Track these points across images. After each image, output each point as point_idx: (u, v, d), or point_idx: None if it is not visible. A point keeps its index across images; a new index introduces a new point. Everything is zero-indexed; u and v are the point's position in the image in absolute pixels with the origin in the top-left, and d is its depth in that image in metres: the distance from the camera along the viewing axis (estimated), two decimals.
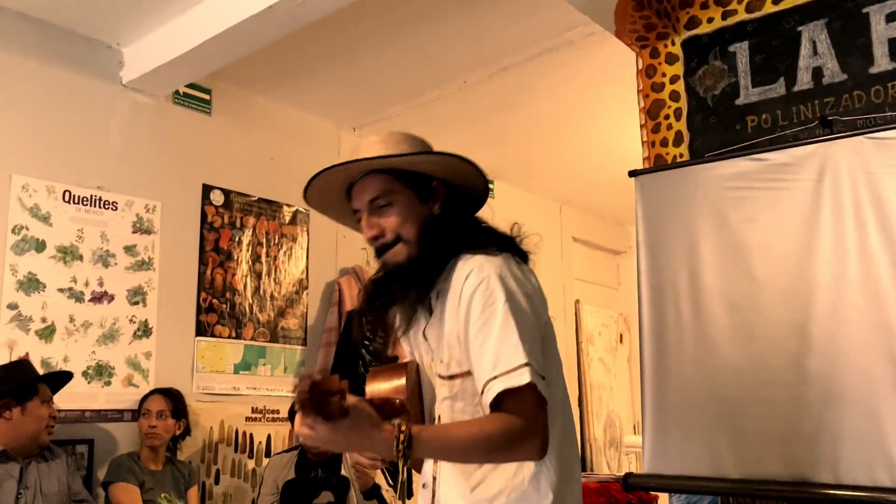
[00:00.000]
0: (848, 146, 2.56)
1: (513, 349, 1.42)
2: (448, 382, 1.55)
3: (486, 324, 1.45)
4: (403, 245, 1.59)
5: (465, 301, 1.49)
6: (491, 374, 1.42)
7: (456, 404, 1.54)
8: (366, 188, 1.61)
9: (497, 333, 1.44)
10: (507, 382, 1.40)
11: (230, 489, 3.91)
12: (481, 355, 1.45)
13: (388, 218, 1.59)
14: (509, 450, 1.41)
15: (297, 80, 4.14)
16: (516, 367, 1.40)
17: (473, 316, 1.47)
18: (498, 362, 1.42)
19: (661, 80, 3.22)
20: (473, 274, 1.50)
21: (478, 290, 1.48)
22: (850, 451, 2.43)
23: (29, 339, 3.28)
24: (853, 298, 2.49)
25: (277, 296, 4.25)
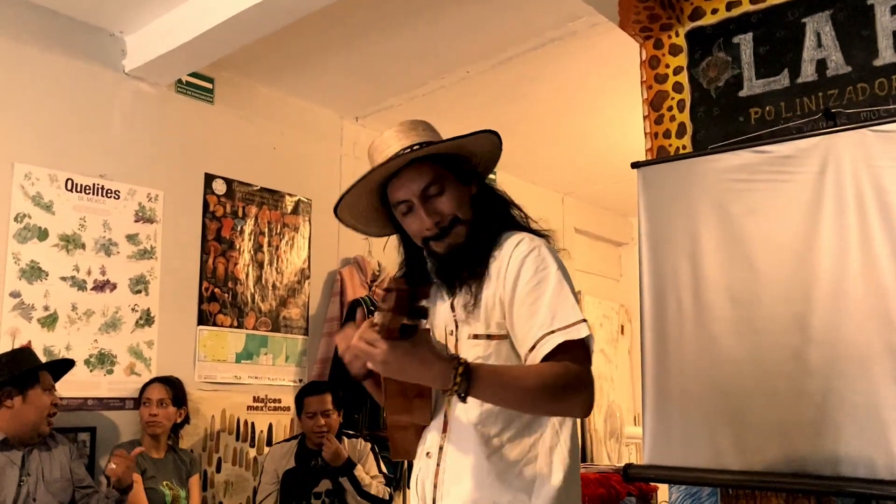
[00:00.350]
0: (851, 139, 2.55)
1: (570, 307, 1.48)
2: (485, 342, 1.55)
3: (538, 285, 1.50)
4: (462, 226, 1.60)
5: (514, 265, 1.53)
6: (548, 328, 1.46)
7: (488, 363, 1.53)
8: (412, 179, 1.60)
9: (552, 293, 1.49)
10: (567, 335, 1.44)
11: (231, 477, 3.93)
12: (534, 313, 1.48)
13: (444, 203, 1.60)
14: (563, 398, 1.43)
15: (299, 70, 4.13)
16: (575, 323, 1.46)
17: (524, 278, 1.51)
18: (555, 318, 1.47)
19: (665, 72, 3.21)
20: (525, 242, 1.56)
21: (530, 256, 1.53)
22: (850, 444, 2.43)
23: (31, 328, 3.29)
24: (854, 291, 2.49)
25: (279, 285, 4.25)
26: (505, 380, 1.42)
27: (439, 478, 1.56)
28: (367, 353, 1.32)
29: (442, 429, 1.58)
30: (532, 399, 1.43)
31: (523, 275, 1.51)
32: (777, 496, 2.74)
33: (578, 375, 1.44)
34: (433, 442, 1.60)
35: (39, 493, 2.87)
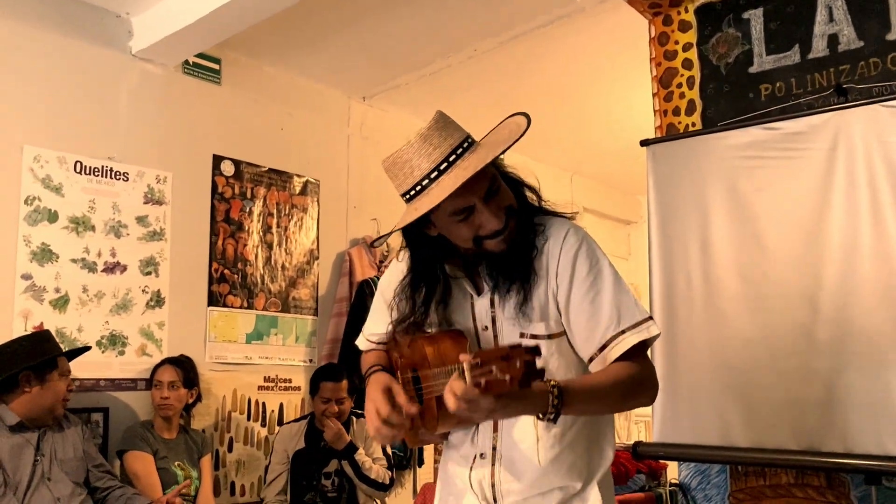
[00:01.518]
0: (863, 114, 2.53)
1: (633, 304, 1.50)
2: (546, 342, 1.53)
3: (595, 282, 1.50)
4: (514, 217, 1.53)
5: (566, 262, 1.51)
6: (617, 327, 1.47)
7: (551, 363, 1.54)
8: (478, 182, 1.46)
9: (612, 290, 1.49)
10: (640, 335, 1.47)
11: (243, 457, 3.96)
12: (596, 311, 1.48)
13: (504, 196, 1.51)
14: (639, 399, 1.51)
15: (306, 50, 4.11)
16: (644, 321, 1.48)
17: (580, 276, 1.50)
18: (622, 317, 1.48)
19: (674, 48, 3.19)
20: (571, 235, 1.54)
21: (581, 251, 1.52)
22: (859, 420, 2.43)
23: (43, 309, 3.31)
24: (865, 268, 2.48)
25: (289, 266, 4.26)
26: (592, 394, 1.44)
27: (496, 477, 1.58)
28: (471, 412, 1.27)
29: (493, 428, 1.59)
30: (615, 406, 1.53)
31: (578, 272, 1.50)
32: (786, 473, 2.75)
33: (651, 375, 1.50)
34: (485, 443, 1.60)
35: (54, 473, 2.91)
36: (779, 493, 2.76)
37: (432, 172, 1.46)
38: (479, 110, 4.96)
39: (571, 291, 1.50)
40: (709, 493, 2.93)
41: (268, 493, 3.67)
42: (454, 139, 1.48)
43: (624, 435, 6.48)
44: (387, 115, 4.87)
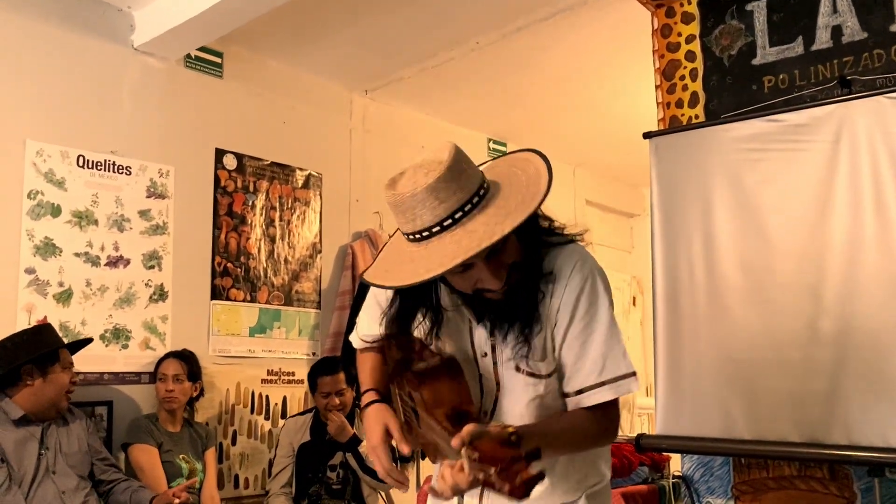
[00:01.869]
0: (866, 106, 2.52)
1: (620, 356, 1.48)
2: (545, 381, 1.53)
3: (590, 324, 1.48)
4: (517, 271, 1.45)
5: (569, 300, 1.49)
6: (598, 377, 1.47)
7: (545, 401, 1.54)
8: None
9: (604, 336, 1.48)
10: (616, 391, 1.47)
11: (247, 450, 3.97)
12: (583, 354, 1.48)
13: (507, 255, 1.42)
14: (595, 444, 1.56)
15: (308, 43, 4.11)
16: (624, 376, 1.47)
17: (579, 315, 1.49)
18: (605, 367, 1.47)
19: (677, 40, 3.18)
20: (578, 268, 1.50)
21: (584, 290, 1.49)
22: (862, 412, 2.43)
23: (47, 303, 3.32)
24: (868, 260, 2.47)
25: (291, 259, 4.27)
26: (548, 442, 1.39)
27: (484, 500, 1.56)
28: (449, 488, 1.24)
29: None
30: (569, 451, 1.54)
31: (578, 311, 1.49)
32: (789, 465, 2.75)
33: (612, 428, 1.52)
34: None
35: (59, 466, 2.92)
36: (782, 485, 2.76)
37: (434, 227, 1.36)
38: (482, 103, 4.96)
39: (568, 329, 1.50)
40: (712, 486, 2.94)
41: (273, 486, 3.68)
42: (462, 194, 1.36)
43: (627, 427, 6.49)
44: (389, 108, 4.86)
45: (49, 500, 2.84)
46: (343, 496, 3.64)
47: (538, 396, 1.54)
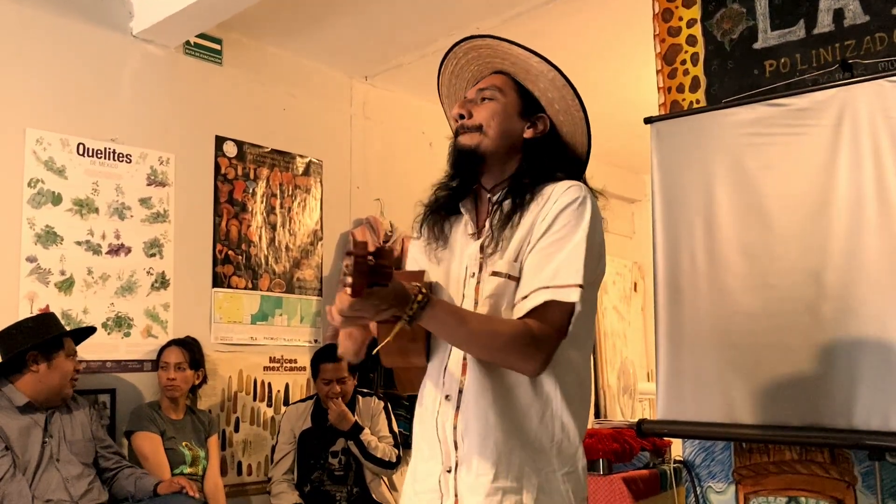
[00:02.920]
0: (868, 90, 2.51)
1: (575, 269, 1.45)
2: (505, 282, 1.52)
3: (562, 239, 1.48)
4: (480, 134, 1.60)
5: (554, 209, 1.50)
6: (544, 283, 1.45)
7: (502, 301, 1.52)
8: (484, 81, 1.67)
9: (566, 252, 1.46)
10: (555, 294, 1.44)
11: (249, 437, 3.99)
12: (541, 265, 1.48)
13: (483, 106, 1.63)
14: (508, 355, 1.45)
15: (307, 30, 4.09)
16: (570, 285, 1.44)
17: (555, 228, 1.49)
18: (556, 275, 1.45)
19: (678, 25, 3.16)
20: (574, 190, 1.52)
21: (572, 205, 1.50)
22: (864, 397, 2.44)
23: (49, 292, 3.32)
24: (870, 244, 2.47)
25: (292, 247, 4.27)
26: (456, 319, 1.43)
27: (459, 418, 1.53)
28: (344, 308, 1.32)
29: (461, 371, 1.54)
30: (478, 346, 1.47)
31: (556, 224, 1.49)
32: (790, 449, 2.75)
33: (534, 337, 1.43)
34: (451, 385, 1.56)
35: (63, 454, 2.93)
36: (783, 469, 2.77)
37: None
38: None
39: (541, 238, 1.50)
40: (713, 470, 2.95)
41: (275, 473, 3.70)
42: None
43: (628, 413, 6.51)
44: (389, 94, 4.84)
45: (53, 487, 2.85)
46: (345, 482, 3.66)
47: (492, 296, 1.53)
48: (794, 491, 2.74)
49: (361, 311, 1.33)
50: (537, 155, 1.62)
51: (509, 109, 1.63)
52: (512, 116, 1.63)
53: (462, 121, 1.62)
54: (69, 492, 2.88)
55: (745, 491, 2.85)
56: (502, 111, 1.62)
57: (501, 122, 1.61)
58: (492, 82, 1.65)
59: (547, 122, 1.65)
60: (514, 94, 1.65)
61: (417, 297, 1.35)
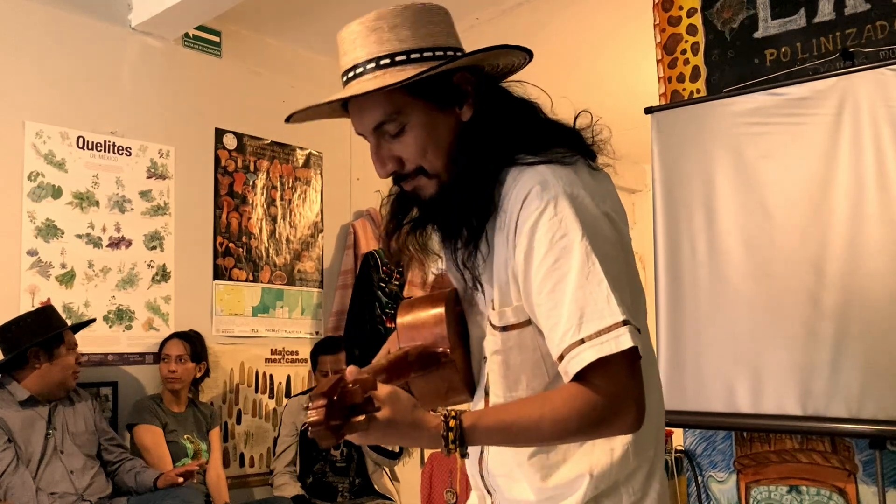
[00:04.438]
0: (869, 78, 2.51)
1: (603, 302, 1.08)
2: (502, 335, 1.21)
3: (556, 265, 1.10)
4: (428, 179, 1.22)
5: (525, 234, 1.13)
6: (576, 335, 1.08)
7: (511, 359, 1.22)
8: (364, 111, 1.23)
9: (576, 280, 1.09)
10: (602, 349, 1.06)
11: (251, 429, 4.00)
12: (554, 307, 1.10)
13: (403, 147, 1.22)
14: (592, 433, 1.13)
15: (306, 21, 4.08)
16: (611, 327, 1.07)
17: (538, 254, 1.11)
18: (584, 320, 1.08)
19: (678, 14, 3.15)
20: (534, 194, 1.13)
21: (542, 219, 1.11)
22: (865, 386, 2.44)
23: (50, 285, 3.33)
24: (871, 233, 2.47)
25: (293, 239, 4.27)
26: (511, 434, 1.12)
27: (483, 468, 1.30)
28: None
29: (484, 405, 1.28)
30: (553, 442, 1.17)
31: (538, 249, 1.12)
32: (791, 439, 2.76)
33: (610, 406, 1.08)
34: None
35: (66, 446, 2.94)
36: (784, 458, 2.78)
37: (348, 72, 1.24)
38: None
39: (530, 276, 1.13)
40: (714, 460, 2.95)
41: (277, 465, 3.71)
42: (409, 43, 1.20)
43: None
44: None
45: (57, 479, 2.86)
46: (347, 474, 3.67)
47: (496, 353, 1.23)
48: (795, 480, 2.75)
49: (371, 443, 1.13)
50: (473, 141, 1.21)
51: (428, 122, 1.20)
52: (438, 124, 1.21)
53: (396, 174, 1.25)
54: (74, 484, 2.89)
55: (746, 480, 2.86)
56: (425, 133, 1.20)
57: (436, 145, 1.21)
58: (379, 110, 1.21)
59: (468, 75, 1.23)
60: (413, 98, 1.19)
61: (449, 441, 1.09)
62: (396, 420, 1.08)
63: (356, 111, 1.25)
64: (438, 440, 1.10)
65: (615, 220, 1.19)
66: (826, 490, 2.68)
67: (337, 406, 1.01)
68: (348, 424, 1.03)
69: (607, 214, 1.17)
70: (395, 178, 1.27)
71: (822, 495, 2.68)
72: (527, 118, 1.25)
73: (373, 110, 1.21)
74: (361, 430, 1.05)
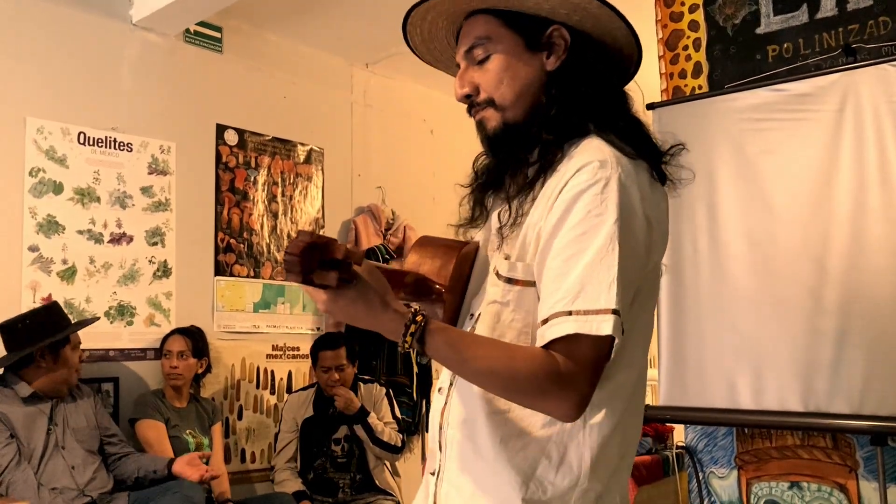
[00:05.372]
0: (871, 74, 2.50)
1: (605, 286, 1.09)
2: (504, 285, 1.21)
3: (581, 237, 1.12)
4: (495, 110, 1.25)
5: (567, 199, 1.14)
6: (567, 305, 1.10)
7: (504, 313, 1.21)
8: (464, 33, 1.28)
9: (591, 257, 1.10)
10: (583, 327, 1.08)
11: (253, 424, 4.00)
12: (561, 275, 1.12)
13: (483, 73, 1.26)
14: (532, 398, 1.12)
15: (308, 17, 4.07)
16: (600, 311, 1.08)
17: (571, 222, 1.12)
18: (580, 294, 1.10)
19: (680, 10, 3.15)
20: (591, 167, 1.14)
21: (588, 192, 1.12)
22: (865, 382, 2.44)
23: (51, 281, 3.33)
24: (873, 229, 2.47)
25: (294, 235, 4.26)
26: (464, 356, 1.12)
27: (444, 419, 1.28)
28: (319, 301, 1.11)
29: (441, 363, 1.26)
30: (494, 386, 1.15)
31: (572, 217, 1.13)
32: (792, 435, 2.76)
33: (564, 379, 1.09)
34: (445, 375, 1.31)
35: (68, 441, 2.95)
36: (785, 454, 2.78)
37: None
38: None
39: (554, 237, 1.14)
40: (715, 456, 2.96)
41: (278, 461, 3.71)
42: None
43: None
44: (390, 81, 4.83)
45: (59, 474, 2.87)
46: (348, 469, 3.67)
47: (494, 302, 1.23)
48: (796, 476, 2.75)
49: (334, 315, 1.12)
50: (560, 93, 1.23)
51: (512, 56, 1.25)
52: (520, 61, 1.25)
53: (470, 100, 1.29)
54: (75, 479, 2.90)
55: (747, 476, 2.86)
56: (506, 64, 1.24)
57: (512, 78, 1.24)
58: (474, 33, 1.26)
59: (565, 32, 1.25)
60: (507, 30, 1.25)
61: (409, 332, 1.10)
62: (368, 291, 1.09)
63: (461, 37, 1.30)
64: (399, 329, 1.10)
65: (654, 228, 1.19)
66: (827, 486, 2.68)
67: (318, 250, 1.01)
68: (318, 273, 1.03)
69: (648, 218, 1.17)
70: (468, 107, 1.30)
71: (823, 491, 2.69)
72: (612, 98, 1.28)
73: (469, 32, 1.27)
74: (327, 286, 1.05)
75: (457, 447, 1.25)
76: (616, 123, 1.23)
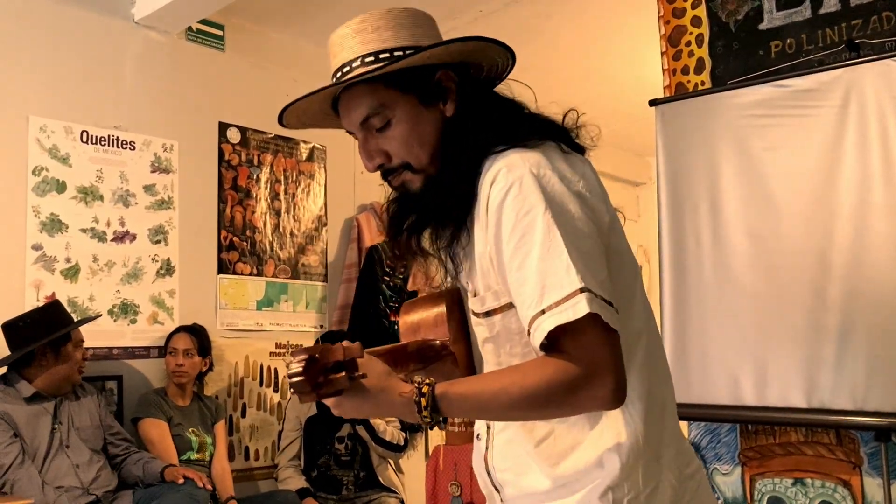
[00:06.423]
0: (875, 70, 2.49)
1: (563, 272, 1.08)
2: (485, 321, 1.22)
3: (521, 241, 1.12)
4: (414, 174, 1.25)
5: (493, 213, 1.15)
6: (537, 307, 1.09)
7: (501, 347, 1.23)
8: (351, 106, 1.27)
9: (538, 253, 1.10)
10: (559, 317, 1.07)
11: (256, 422, 4.01)
12: (521, 283, 1.12)
13: (389, 141, 1.25)
14: (567, 403, 1.11)
15: (309, 14, 4.07)
16: (569, 296, 1.07)
17: (506, 232, 1.13)
18: (545, 291, 1.09)
19: (683, 6, 3.14)
20: (501, 176, 1.15)
21: (508, 198, 1.13)
22: (870, 378, 2.44)
23: (54, 279, 3.33)
24: (877, 225, 2.46)
25: (297, 233, 4.27)
26: (482, 401, 1.13)
27: (490, 464, 1.30)
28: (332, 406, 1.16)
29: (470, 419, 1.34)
30: (526, 413, 1.16)
31: (504, 227, 1.14)
32: (796, 431, 2.76)
33: (581, 373, 1.07)
34: (481, 421, 1.32)
35: (72, 440, 2.95)
36: (789, 451, 2.78)
37: (336, 72, 1.30)
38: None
39: (501, 256, 1.15)
40: (719, 452, 2.95)
41: (281, 459, 3.72)
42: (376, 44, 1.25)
43: None
44: None
45: (63, 473, 2.87)
46: (352, 467, 3.68)
47: (486, 341, 1.25)
48: (800, 472, 2.75)
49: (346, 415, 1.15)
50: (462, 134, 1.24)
51: (412, 117, 1.24)
52: (421, 120, 1.24)
53: (382, 168, 1.28)
54: (79, 478, 2.90)
55: (750, 473, 2.86)
56: (409, 128, 1.24)
57: (420, 141, 1.24)
58: (365, 104, 1.25)
59: (451, 73, 1.26)
60: (396, 92, 1.24)
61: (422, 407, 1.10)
62: (371, 385, 1.12)
63: (344, 108, 1.30)
64: (412, 407, 1.11)
65: (588, 198, 1.19)
66: (831, 483, 2.68)
67: (319, 362, 1.04)
68: (328, 381, 1.05)
69: (579, 193, 1.17)
70: (383, 173, 1.30)
71: (826, 488, 2.68)
72: (508, 113, 1.27)
73: (359, 105, 1.26)
74: (341, 389, 1.07)
75: (514, 487, 1.26)
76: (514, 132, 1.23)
